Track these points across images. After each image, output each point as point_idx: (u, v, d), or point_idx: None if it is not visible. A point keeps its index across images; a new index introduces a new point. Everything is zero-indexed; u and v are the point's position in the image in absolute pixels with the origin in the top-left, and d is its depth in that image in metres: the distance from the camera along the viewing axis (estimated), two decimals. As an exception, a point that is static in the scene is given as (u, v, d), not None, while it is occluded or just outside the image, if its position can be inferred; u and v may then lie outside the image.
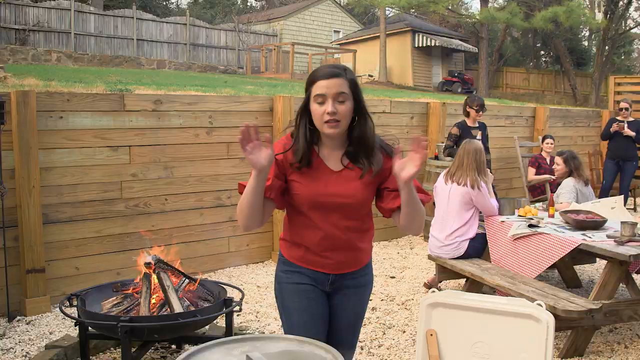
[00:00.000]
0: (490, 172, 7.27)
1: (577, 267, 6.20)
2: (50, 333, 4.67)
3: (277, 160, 2.37)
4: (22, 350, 4.34)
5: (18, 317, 4.97)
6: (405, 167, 2.18)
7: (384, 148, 2.45)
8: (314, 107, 2.33)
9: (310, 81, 2.36)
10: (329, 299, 2.56)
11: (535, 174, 8.46)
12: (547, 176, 8.23)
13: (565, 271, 5.74)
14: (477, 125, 7.03)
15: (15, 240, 5.09)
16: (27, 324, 4.88)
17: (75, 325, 3.84)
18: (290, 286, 2.51)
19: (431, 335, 2.51)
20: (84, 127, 5.40)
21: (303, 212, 2.43)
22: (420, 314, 2.59)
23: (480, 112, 6.96)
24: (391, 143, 2.49)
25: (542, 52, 30.72)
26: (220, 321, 4.24)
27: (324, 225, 2.42)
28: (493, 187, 7.14)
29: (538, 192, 8.56)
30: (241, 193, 2.40)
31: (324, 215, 2.41)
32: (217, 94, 6.69)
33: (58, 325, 4.79)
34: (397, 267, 6.60)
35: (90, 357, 4.13)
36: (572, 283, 5.80)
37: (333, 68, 2.36)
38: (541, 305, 2.37)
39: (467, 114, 7.01)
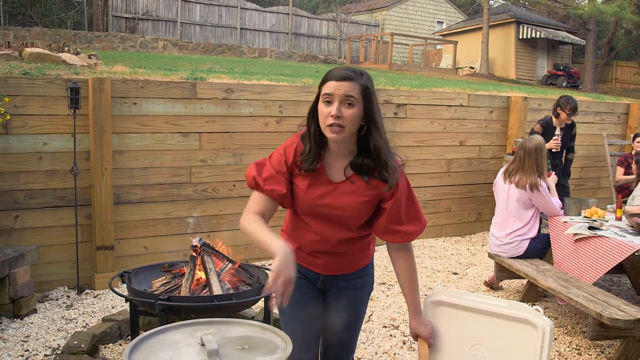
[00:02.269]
0: (568, 172, 7.01)
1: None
2: (113, 307, 4.96)
3: (286, 163, 2.34)
4: (83, 321, 4.64)
5: (87, 291, 5.31)
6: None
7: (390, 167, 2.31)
8: (321, 107, 2.22)
9: (323, 80, 2.25)
10: (323, 296, 2.56)
11: (624, 174, 8.06)
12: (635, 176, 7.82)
13: (635, 277, 5.46)
14: (563, 125, 6.70)
15: (88, 218, 5.42)
16: (94, 297, 5.19)
17: (126, 302, 4.06)
18: None
19: (422, 345, 2.48)
20: (156, 113, 5.66)
21: (299, 214, 2.43)
22: (424, 313, 2.57)
23: (572, 116, 6.62)
24: (401, 162, 2.37)
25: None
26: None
27: (317, 230, 2.40)
28: (566, 186, 6.88)
29: (626, 193, 8.15)
30: (250, 187, 2.37)
31: (317, 222, 2.39)
32: (289, 84, 6.80)
33: (121, 301, 5.06)
34: (463, 263, 6.51)
35: (142, 332, 4.36)
36: (643, 290, 5.52)
37: (349, 71, 2.23)
38: (539, 311, 2.31)
39: (557, 115, 6.68)
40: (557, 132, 6.63)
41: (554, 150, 6.55)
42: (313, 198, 2.34)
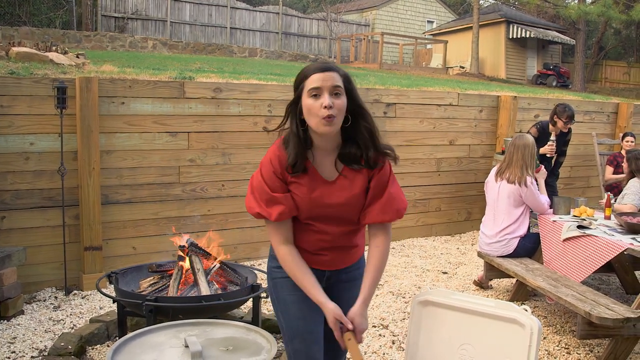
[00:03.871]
0: (556, 173, 7.01)
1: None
2: (101, 308, 4.92)
3: (275, 174, 2.32)
4: (71, 322, 4.61)
5: (75, 291, 5.27)
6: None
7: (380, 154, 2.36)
8: (309, 102, 2.22)
9: (303, 77, 2.27)
10: (327, 293, 2.45)
11: (614, 173, 8.08)
12: (624, 175, 7.84)
13: (624, 276, 5.48)
14: (559, 132, 6.65)
15: (76, 218, 5.38)
16: (82, 298, 5.16)
17: (114, 302, 4.03)
18: (285, 280, 2.46)
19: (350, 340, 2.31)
20: (144, 112, 5.63)
21: (301, 219, 2.40)
22: (412, 312, 2.57)
23: (569, 125, 6.56)
24: (389, 152, 2.38)
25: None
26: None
27: (321, 229, 2.39)
28: (553, 186, 6.88)
29: (615, 192, 8.18)
30: (259, 218, 2.37)
31: (321, 222, 2.38)
32: (278, 83, 6.77)
33: (109, 301, 5.01)
34: (452, 262, 6.51)
35: (129, 332, 4.33)
36: (631, 289, 5.51)
37: (325, 63, 2.29)
38: (527, 310, 2.30)
39: (554, 123, 6.59)
40: (552, 137, 6.59)
41: (548, 155, 6.54)
42: (313, 200, 2.34)
